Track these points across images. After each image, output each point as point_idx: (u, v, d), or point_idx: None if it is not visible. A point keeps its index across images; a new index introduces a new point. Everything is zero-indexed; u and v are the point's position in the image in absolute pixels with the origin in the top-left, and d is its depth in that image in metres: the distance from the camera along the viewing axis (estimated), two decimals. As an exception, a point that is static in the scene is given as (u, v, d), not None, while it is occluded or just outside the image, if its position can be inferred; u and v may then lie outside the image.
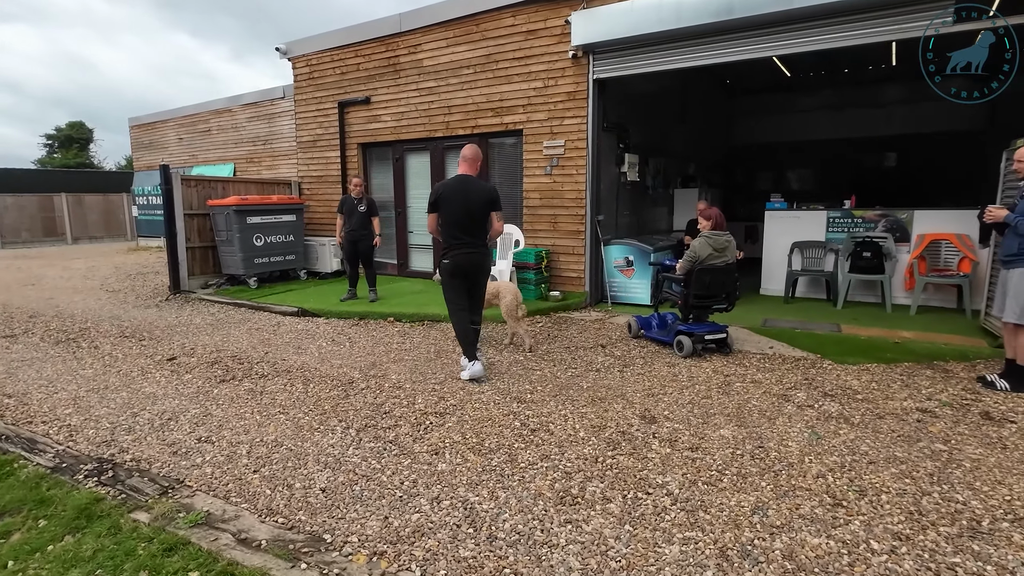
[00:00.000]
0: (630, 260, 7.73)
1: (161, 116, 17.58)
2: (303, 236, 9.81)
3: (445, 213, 4.69)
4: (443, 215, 4.70)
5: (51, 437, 3.71)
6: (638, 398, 4.24)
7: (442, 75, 8.57)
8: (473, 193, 4.69)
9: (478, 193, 4.71)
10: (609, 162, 8.10)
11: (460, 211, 4.66)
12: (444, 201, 4.70)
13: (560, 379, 4.71)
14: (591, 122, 7.47)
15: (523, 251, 7.47)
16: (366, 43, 9.27)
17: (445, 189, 4.74)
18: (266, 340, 6.27)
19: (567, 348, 5.68)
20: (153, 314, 7.75)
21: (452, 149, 8.91)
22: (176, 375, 5.03)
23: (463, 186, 4.72)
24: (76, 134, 39.99)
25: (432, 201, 4.73)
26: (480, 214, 4.70)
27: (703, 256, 5.20)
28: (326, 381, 4.77)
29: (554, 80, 7.64)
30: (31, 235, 20.39)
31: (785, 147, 13.36)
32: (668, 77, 7.54)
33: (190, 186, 9.01)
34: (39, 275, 11.93)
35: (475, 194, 4.69)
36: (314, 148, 10.35)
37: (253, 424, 3.88)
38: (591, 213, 7.64)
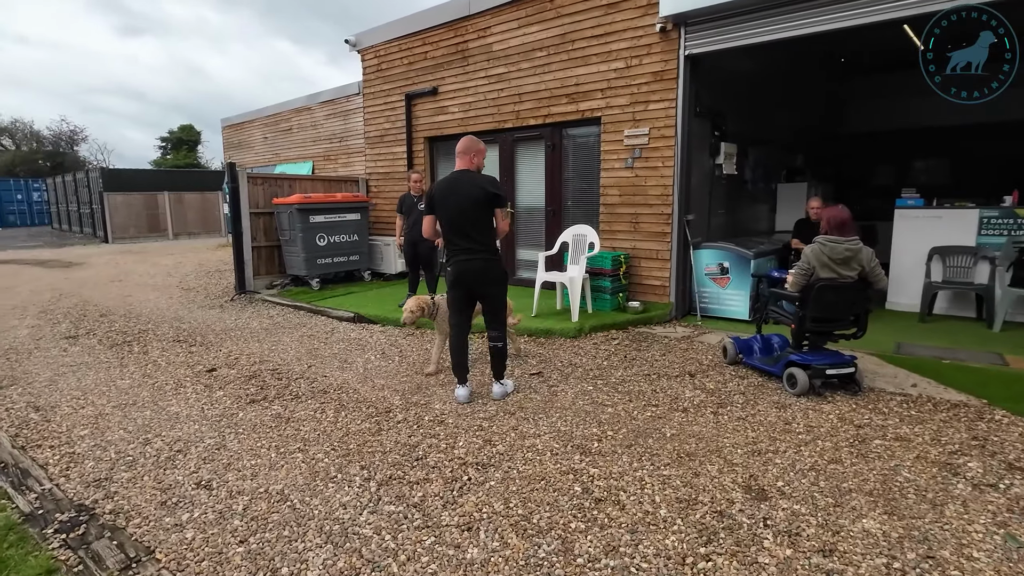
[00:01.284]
0: (725, 267, 6.60)
1: (248, 116, 18.09)
2: (368, 235, 9.41)
3: (440, 216, 4.10)
4: (439, 218, 4.12)
5: (48, 468, 3.30)
6: (740, 456, 3.25)
7: (512, 59, 7.79)
8: (465, 190, 4.02)
9: (471, 189, 4.03)
10: (701, 153, 6.99)
11: (453, 212, 4.04)
12: (437, 202, 4.08)
13: (637, 421, 3.79)
14: (681, 106, 6.41)
15: (598, 255, 6.55)
16: (433, 29, 8.67)
17: (437, 188, 4.13)
18: (313, 350, 5.79)
19: (647, 376, 4.72)
20: (214, 316, 7.56)
21: (523, 141, 8.12)
22: (208, 391, 4.60)
23: (455, 184, 4.08)
24: (186, 136, 43.11)
25: (428, 203, 4.16)
26: (476, 214, 4.02)
27: (816, 268, 4.07)
28: (361, 408, 4.14)
29: (638, 59, 6.64)
30: (137, 231, 21.81)
31: (911, 134, 11.41)
32: (772, 53, 6.34)
33: (256, 184, 8.82)
34: (129, 271, 12.42)
35: (468, 191, 4.02)
36: (381, 143, 9.92)
37: (265, 464, 3.29)
38: (679, 212, 6.59)
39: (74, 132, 41.76)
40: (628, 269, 6.88)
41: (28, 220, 30.54)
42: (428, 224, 4.20)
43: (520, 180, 8.27)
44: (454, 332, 4.25)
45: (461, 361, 4.23)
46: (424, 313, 4.71)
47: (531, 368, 4.99)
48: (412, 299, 4.75)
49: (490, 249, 4.12)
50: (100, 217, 21.16)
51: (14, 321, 7.38)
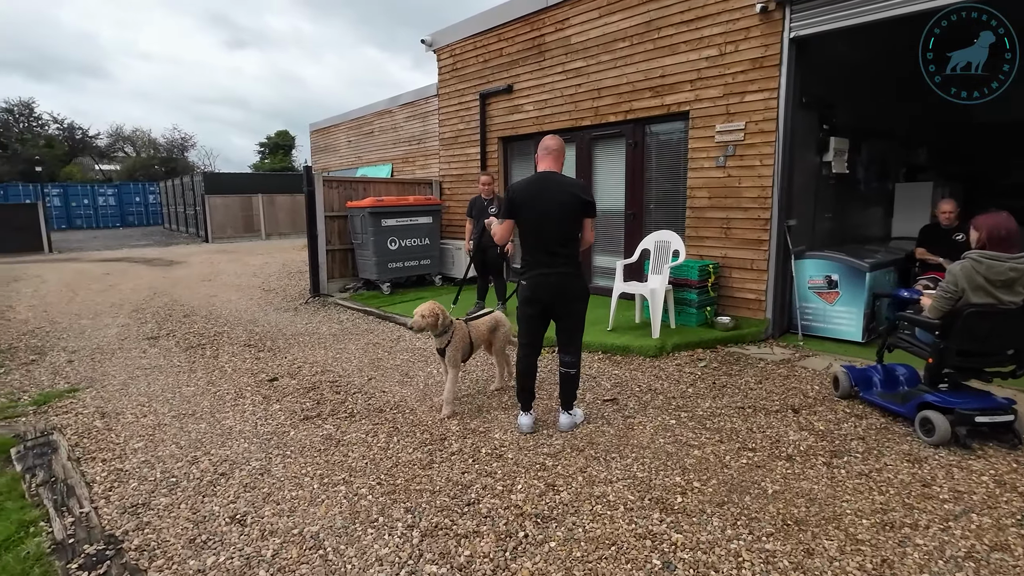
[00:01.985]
0: (833, 280, 5.73)
1: (334, 121, 18.62)
2: (439, 239, 9.19)
3: (521, 221, 3.56)
4: (519, 224, 3.58)
5: (93, 486, 3.18)
6: (866, 529, 2.58)
7: (591, 52, 7.26)
8: (556, 195, 3.50)
9: (561, 194, 3.50)
10: (806, 149, 6.15)
11: (538, 218, 3.51)
12: (519, 207, 3.53)
13: (730, 470, 3.18)
14: (784, 97, 5.62)
15: (683, 264, 5.89)
16: (509, 24, 8.30)
17: (519, 191, 3.57)
18: (377, 360, 5.56)
19: (740, 409, 4.07)
20: (287, 319, 7.58)
21: (602, 139, 7.56)
22: (266, 403, 4.44)
23: (542, 186, 3.54)
24: (281, 141, 45.70)
25: (507, 206, 3.59)
26: (564, 222, 3.50)
27: (967, 291, 3.27)
28: (415, 432, 3.80)
29: (733, 45, 5.91)
30: (233, 231, 23.14)
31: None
32: (892, 31, 5.40)
33: (332, 187, 8.83)
34: (219, 270, 13.00)
35: (559, 196, 3.50)
36: (455, 144, 9.69)
37: (305, 498, 3.00)
38: (779, 216, 5.80)
39: (184, 139, 45.43)
40: (717, 280, 6.16)
41: (144, 220, 33.41)
42: (505, 230, 3.65)
43: (598, 181, 7.72)
44: (524, 353, 3.78)
45: (528, 386, 3.79)
46: (436, 324, 3.96)
47: (604, 392, 4.46)
48: (428, 303, 4.02)
49: (573, 262, 3.62)
50: (202, 218, 22.63)
51: (108, 320, 7.76)
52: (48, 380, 5.17)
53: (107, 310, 8.43)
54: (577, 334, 3.75)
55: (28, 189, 29.99)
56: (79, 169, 40.63)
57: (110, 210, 32.42)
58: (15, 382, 5.13)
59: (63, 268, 13.97)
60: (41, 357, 5.93)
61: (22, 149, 35.70)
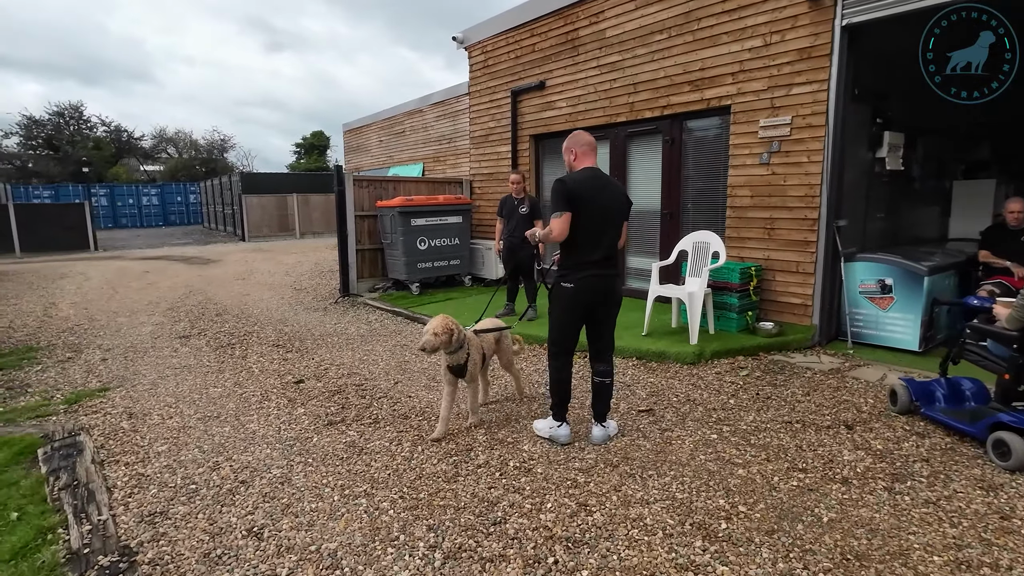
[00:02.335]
0: (887, 284, 5.36)
1: (366, 121, 18.72)
2: (469, 239, 9.05)
3: (581, 218, 3.29)
4: (578, 220, 3.29)
5: (114, 491, 3.12)
6: (938, 569, 2.30)
7: (627, 45, 6.99)
8: (615, 194, 3.45)
9: (617, 193, 3.51)
10: (858, 144, 5.77)
11: (599, 216, 3.33)
12: (584, 201, 3.28)
13: (779, 492, 2.92)
14: (835, 89, 5.27)
15: (723, 267, 5.59)
16: (542, 19, 8.09)
17: (580, 184, 3.33)
18: (404, 364, 5.44)
19: (787, 424, 3.78)
20: (316, 319, 7.55)
21: (637, 136, 7.29)
22: (291, 407, 4.36)
23: (601, 183, 3.39)
24: (316, 142, 46.42)
25: (567, 198, 3.27)
26: (618, 223, 3.48)
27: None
28: (441, 442, 3.64)
29: (779, 35, 5.58)
30: (269, 230, 23.54)
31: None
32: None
33: (362, 187, 8.79)
34: (254, 269, 13.17)
35: (616, 195, 3.45)
36: (486, 143, 9.53)
37: (325, 511, 2.87)
38: (827, 216, 5.45)
39: (224, 140, 46.55)
40: (760, 284, 5.84)
41: (186, 219, 34.35)
42: (564, 224, 3.24)
43: (633, 179, 7.45)
44: (564, 361, 3.54)
45: (567, 397, 3.58)
46: (451, 341, 3.59)
47: (639, 402, 4.23)
48: (439, 319, 3.60)
49: (617, 264, 3.57)
50: (239, 217, 23.09)
51: (144, 318, 7.86)
52: (81, 378, 5.21)
53: (144, 308, 8.57)
54: (612, 341, 3.59)
55: (78, 189, 31.17)
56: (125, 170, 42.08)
57: (153, 209, 33.45)
58: (50, 380, 5.19)
59: (107, 266, 14.37)
60: (77, 355, 6.01)
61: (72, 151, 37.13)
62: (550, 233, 3.31)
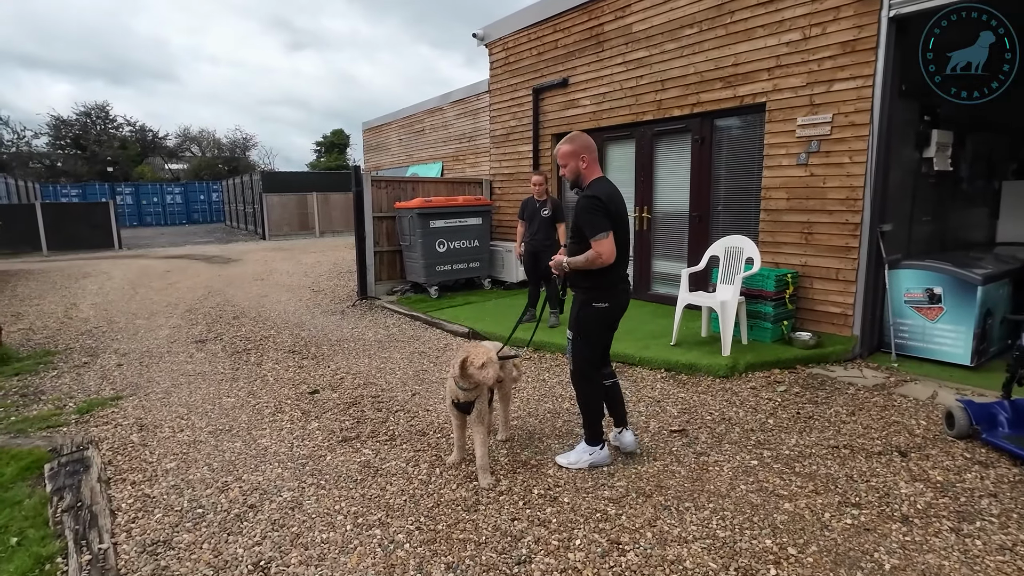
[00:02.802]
0: (935, 293, 5.01)
1: (385, 119, 18.61)
2: (489, 241, 8.84)
3: (619, 235, 3.06)
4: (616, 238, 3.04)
5: (118, 515, 2.97)
6: (1024, 633, 2.02)
7: (655, 41, 6.70)
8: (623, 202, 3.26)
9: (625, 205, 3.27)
10: (904, 143, 5.42)
11: (626, 231, 3.22)
12: (620, 218, 3.09)
13: (832, 532, 2.65)
14: (880, 84, 4.94)
15: (758, 274, 5.29)
16: (566, 14, 7.82)
17: (613, 200, 3.08)
18: (421, 372, 5.25)
19: (834, 448, 3.49)
20: (333, 322, 7.41)
21: (665, 135, 7.00)
22: (304, 420, 4.19)
23: (620, 194, 3.21)
24: (337, 140, 46.63)
25: (608, 215, 3.01)
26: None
27: None
28: (461, 463, 3.43)
29: (820, 27, 5.25)
30: (290, 229, 23.62)
31: None
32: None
33: (380, 187, 8.62)
34: (273, 269, 13.12)
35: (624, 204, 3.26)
36: (507, 142, 9.30)
37: (337, 542, 2.68)
38: (871, 220, 5.12)
39: (246, 139, 46.98)
40: (796, 292, 5.52)
41: (208, 217, 34.72)
42: (611, 245, 2.98)
43: (659, 180, 7.16)
44: (598, 381, 3.33)
45: (602, 415, 3.36)
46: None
47: (671, 421, 3.97)
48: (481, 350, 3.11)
49: None
50: (259, 216, 23.20)
51: (161, 320, 7.80)
52: (95, 385, 5.12)
53: (162, 310, 8.52)
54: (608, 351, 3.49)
55: (104, 188, 31.69)
56: (150, 169, 42.71)
57: (177, 208, 33.86)
58: (64, 387, 5.10)
59: (129, 265, 14.47)
60: (93, 360, 5.93)
61: (99, 150, 37.78)
62: (599, 257, 2.98)
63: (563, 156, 3.19)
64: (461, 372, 3.07)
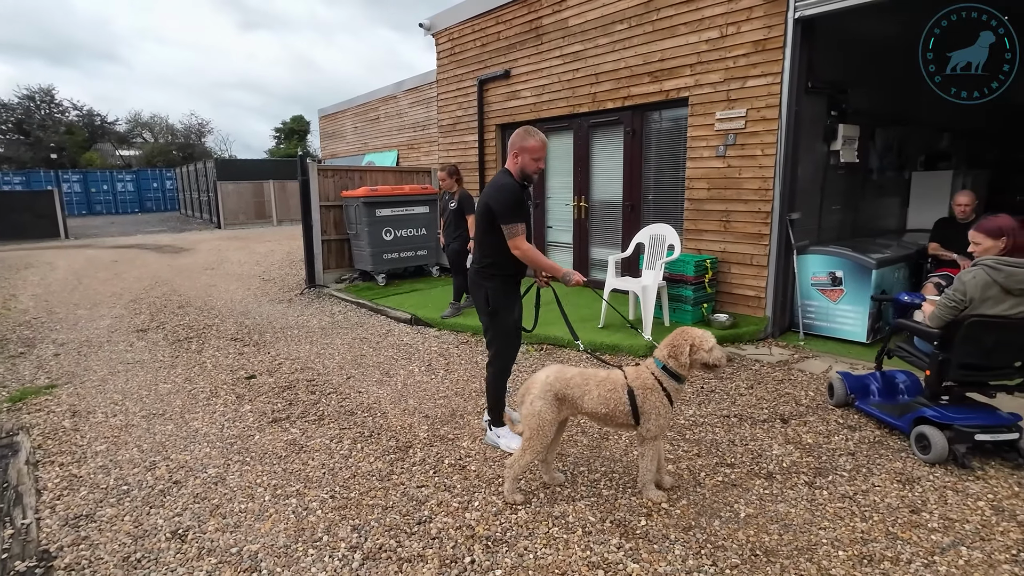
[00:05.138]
0: (837, 277, 5.44)
1: (341, 107, 18.45)
2: (436, 229, 8.99)
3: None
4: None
5: (43, 493, 3.10)
6: (840, 564, 2.37)
7: (589, 35, 6.94)
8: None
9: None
10: (813, 137, 5.80)
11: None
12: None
13: (704, 488, 2.98)
14: (788, 81, 5.29)
15: (678, 259, 5.64)
16: (507, 6, 7.99)
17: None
18: (360, 357, 5.43)
19: (725, 418, 3.84)
20: (279, 311, 7.50)
21: (599, 127, 7.27)
22: (238, 403, 4.34)
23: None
24: (296, 127, 45.72)
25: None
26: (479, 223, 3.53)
27: (975, 301, 2.99)
28: (381, 439, 3.66)
29: (735, 26, 5.58)
30: (246, 217, 23.23)
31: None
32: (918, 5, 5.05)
33: (327, 176, 8.68)
34: (225, 258, 13.01)
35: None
36: (453, 132, 9.45)
37: (254, 511, 2.88)
38: (780, 209, 5.50)
39: (202, 125, 45.74)
40: (716, 276, 5.90)
41: (162, 206, 33.76)
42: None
43: (595, 171, 7.45)
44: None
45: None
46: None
47: (585, 397, 4.26)
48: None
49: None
50: (214, 204, 22.75)
51: (104, 310, 7.76)
52: (30, 375, 5.14)
53: (106, 300, 8.45)
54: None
55: (50, 176, 30.46)
56: (99, 155, 41.16)
57: (128, 196, 32.81)
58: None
59: (75, 255, 14.12)
60: (30, 350, 5.92)
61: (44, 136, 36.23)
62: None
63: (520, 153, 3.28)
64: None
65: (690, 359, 2.67)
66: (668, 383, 2.72)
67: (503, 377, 3.51)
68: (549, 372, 2.84)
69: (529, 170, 3.28)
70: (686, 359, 2.67)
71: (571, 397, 2.77)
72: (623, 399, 2.72)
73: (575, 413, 2.88)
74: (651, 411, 2.70)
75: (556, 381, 2.78)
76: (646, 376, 2.75)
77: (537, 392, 2.77)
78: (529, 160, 3.26)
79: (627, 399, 2.72)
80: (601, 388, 2.76)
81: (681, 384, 2.76)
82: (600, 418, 2.81)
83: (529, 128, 3.32)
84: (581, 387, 2.77)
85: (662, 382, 2.72)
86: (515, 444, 3.25)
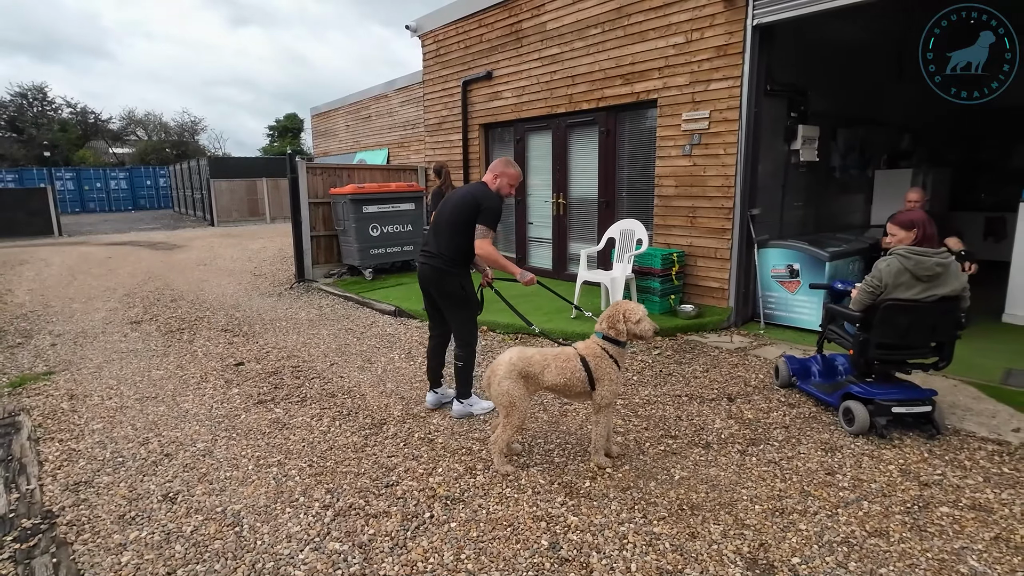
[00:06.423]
0: (794, 269, 5.77)
1: (333, 105, 18.69)
2: (423, 225, 9.30)
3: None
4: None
5: (45, 464, 3.39)
6: (755, 515, 2.69)
7: (566, 39, 7.25)
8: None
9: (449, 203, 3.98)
10: (774, 137, 6.12)
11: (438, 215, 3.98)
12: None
13: (646, 456, 3.30)
14: (747, 85, 5.60)
15: (646, 253, 5.95)
16: (489, 10, 8.29)
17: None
18: (344, 346, 5.73)
19: (677, 397, 4.17)
20: (269, 304, 7.78)
21: (576, 127, 7.58)
22: (226, 387, 4.63)
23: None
24: (290, 124, 45.81)
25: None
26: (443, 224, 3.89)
27: (889, 286, 3.32)
28: (358, 417, 3.96)
29: (699, 32, 5.89)
30: (239, 215, 23.44)
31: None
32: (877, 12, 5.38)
33: (316, 174, 8.97)
34: (217, 255, 13.26)
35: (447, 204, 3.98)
36: (439, 131, 9.75)
37: (238, 478, 3.18)
38: (741, 205, 5.82)
39: (195, 122, 45.76)
40: (683, 269, 6.22)
41: (156, 203, 33.87)
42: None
43: (573, 169, 7.76)
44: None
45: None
46: None
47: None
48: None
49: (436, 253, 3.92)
50: (208, 202, 22.94)
51: (99, 304, 8.02)
52: (29, 363, 5.42)
53: (100, 294, 8.70)
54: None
55: (43, 173, 30.53)
56: (92, 153, 41.21)
57: (122, 193, 32.92)
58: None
59: (69, 252, 14.33)
60: (27, 340, 6.19)
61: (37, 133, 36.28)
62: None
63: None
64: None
65: (625, 327, 3.04)
66: (612, 349, 3.08)
67: (474, 358, 3.89)
68: (511, 354, 3.15)
69: (504, 192, 3.77)
70: (623, 327, 3.05)
71: (533, 374, 3.08)
72: (579, 367, 3.05)
73: (538, 389, 3.19)
74: (603, 376, 3.04)
75: (519, 360, 3.09)
76: (593, 347, 3.10)
77: (503, 373, 3.07)
78: (506, 184, 3.76)
79: (582, 367, 3.05)
80: (557, 361, 3.09)
81: (623, 348, 3.12)
82: (560, 389, 3.13)
83: (510, 159, 3.84)
84: (541, 364, 3.09)
85: (607, 350, 3.06)
86: (486, 404, 3.82)
